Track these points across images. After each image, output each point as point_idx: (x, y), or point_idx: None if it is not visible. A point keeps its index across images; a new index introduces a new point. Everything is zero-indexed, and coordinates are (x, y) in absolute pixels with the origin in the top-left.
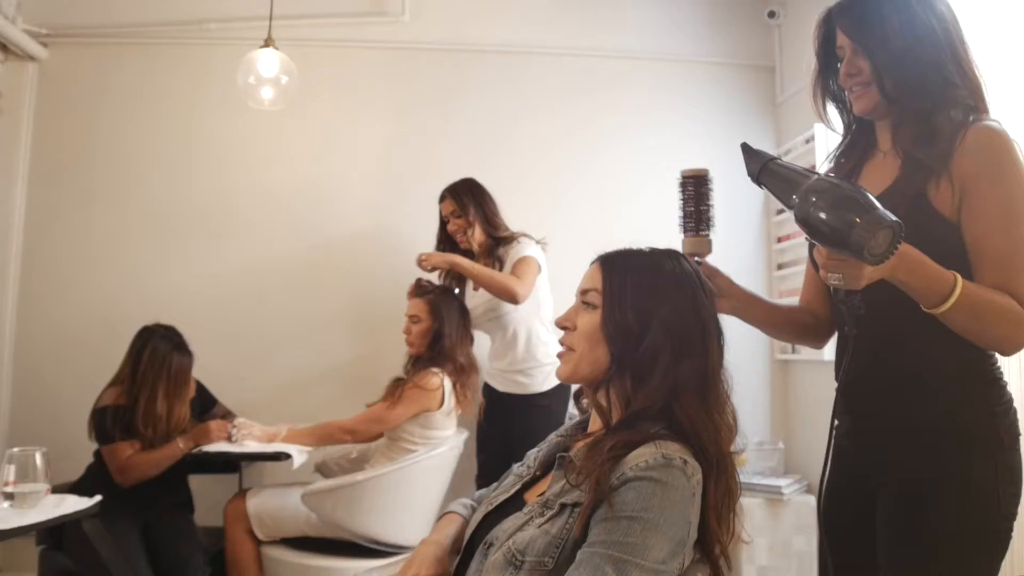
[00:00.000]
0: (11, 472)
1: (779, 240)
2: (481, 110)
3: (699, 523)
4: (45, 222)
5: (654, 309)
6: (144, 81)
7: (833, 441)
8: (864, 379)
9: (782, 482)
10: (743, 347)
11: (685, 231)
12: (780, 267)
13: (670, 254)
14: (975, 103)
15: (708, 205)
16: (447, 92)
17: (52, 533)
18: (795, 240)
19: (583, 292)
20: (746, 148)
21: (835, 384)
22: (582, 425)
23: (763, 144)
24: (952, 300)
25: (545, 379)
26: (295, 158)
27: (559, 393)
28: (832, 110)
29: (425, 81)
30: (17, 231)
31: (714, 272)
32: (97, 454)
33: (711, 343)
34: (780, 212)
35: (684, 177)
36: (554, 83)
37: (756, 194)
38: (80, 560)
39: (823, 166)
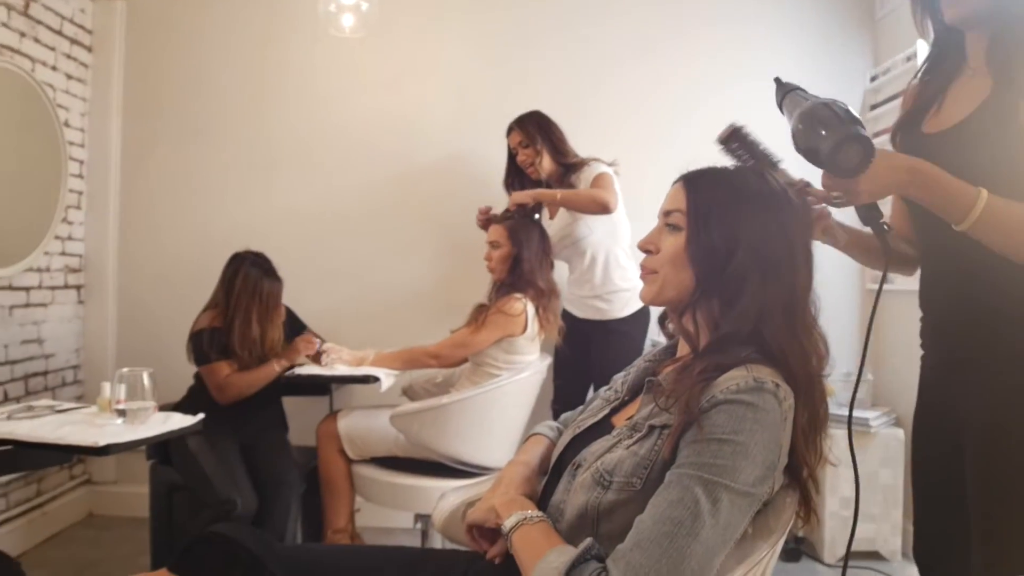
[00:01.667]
0: (122, 391)
1: None
2: (558, 35)
3: (789, 448)
4: (140, 156)
5: (740, 229)
6: (228, 14)
7: (920, 373)
8: (950, 312)
9: (870, 414)
10: (833, 276)
11: None
12: None
13: (757, 172)
14: None
15: (761, 148)
16: (526, 20)
17: (160, 448)
18: None
19: (666, 213)
20: (777, 81)
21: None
22: (670, 350)
23: (859, 63)
24: (975, 215)
25: (624, 305)
26: (377, 87)
27: (638, 319)
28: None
29: (505, 9)
30: (115, 166)
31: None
32: (197, 376)
33: (799, 264)
34: (875, 136)
35: (724, 142)
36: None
37: None
38: (186, 473)
39: (912, 82)
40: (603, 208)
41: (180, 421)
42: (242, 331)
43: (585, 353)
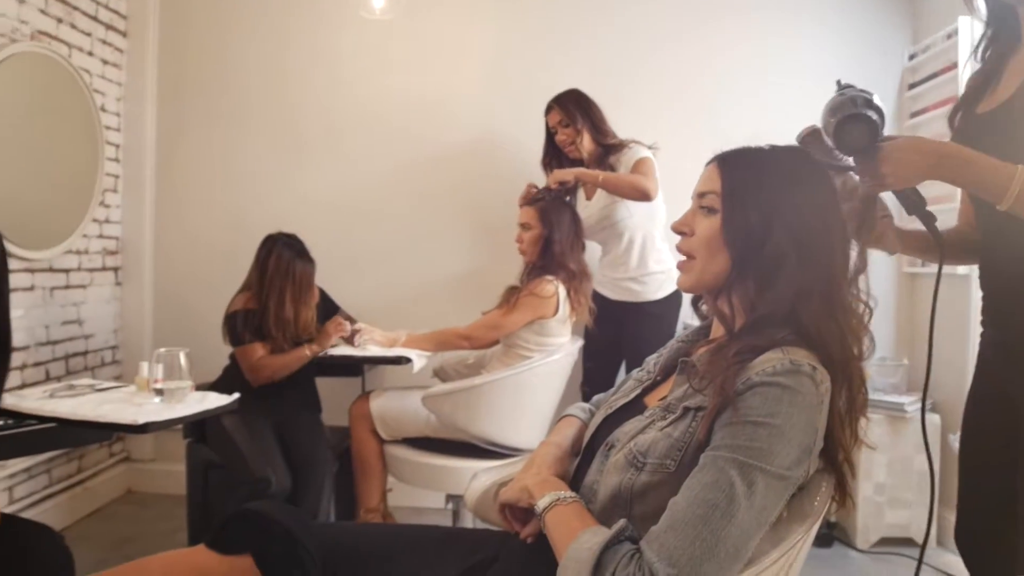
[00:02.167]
0: (159, 370)
1: None
2: (590, 15)
3: (825, 431)
4: (174, 140)
5: (777, 210)
6: None
7: (978, 349)
8: (1009, 291)
9: (905, 399)
10: (869, 259)
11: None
12: None
13: (793, 151)
14: None
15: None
16: None
17: (196, 427)
18: None
19: (700, 195)
20: (838, 83)
21: (969, 298)
22: (704, 331)
23: (897, 41)
24: (1013, 193)
25: (659, 287)
26: (407, 69)
27: (671, 301)
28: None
29: None
30: (150, 150)
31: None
32: (232, 357)
33: (836, 244)
34: (914, 116)
35: (803, 142)
36: None
37: (886, 100)
38: (221, 452)
39: (966, 63)
40: (643, 196)
41: (216, 400)
42: (276, 312)
43: (617, 335)
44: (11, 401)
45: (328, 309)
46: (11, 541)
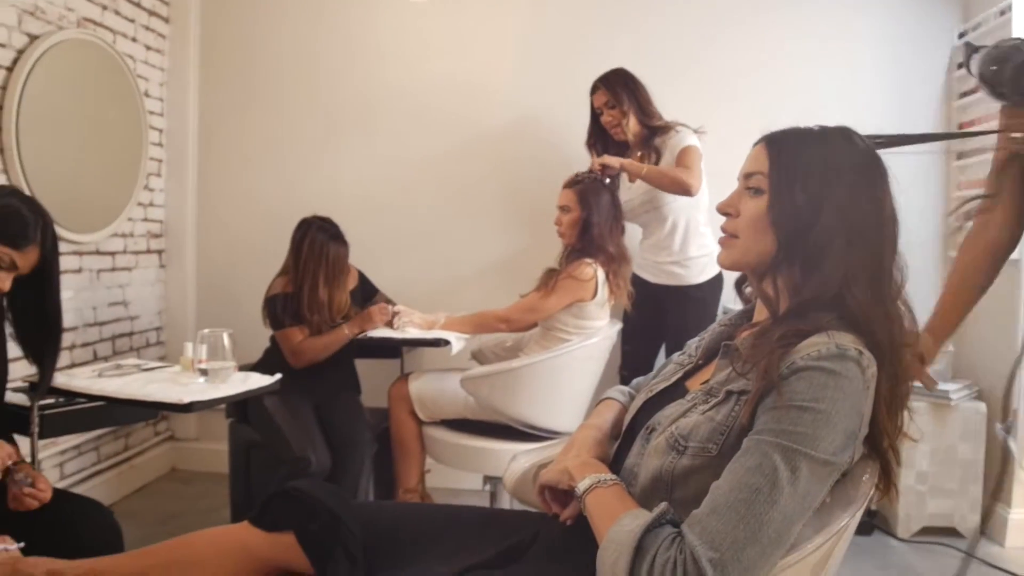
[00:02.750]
0: (203, 351)
1: (960, 127)
2: None
3: (870, 417)
4: (216, 124)
5: (826, 191)
6: None
7: None
8: None
9: (950, 387)
10: (912, 244)
11: None
12: (960, 156)
13: (843, 132)
14: None
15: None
16: None
17: (238, 407)
18: (976, 126)
19: (746, 176)
20: (967, 44)
21: (1018, 285)
22: (747, 314)
23: (947, 19)
24: None
25: (701, 271)
26: (446, 51)
27: (714, 285)
28: None
29: None
30: (192, 134)
31: None
32: (273, 339)
33: (887, 228)
34: (963, 96)
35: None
36: None
37: (934, 80)
38: (263, 432)
39: None
40: (685, 191)
41: (259, 381)
42: (310, 295)
43: (656, 319)
44: (62, 380)
45: (367, 292)
46: (64, 514)
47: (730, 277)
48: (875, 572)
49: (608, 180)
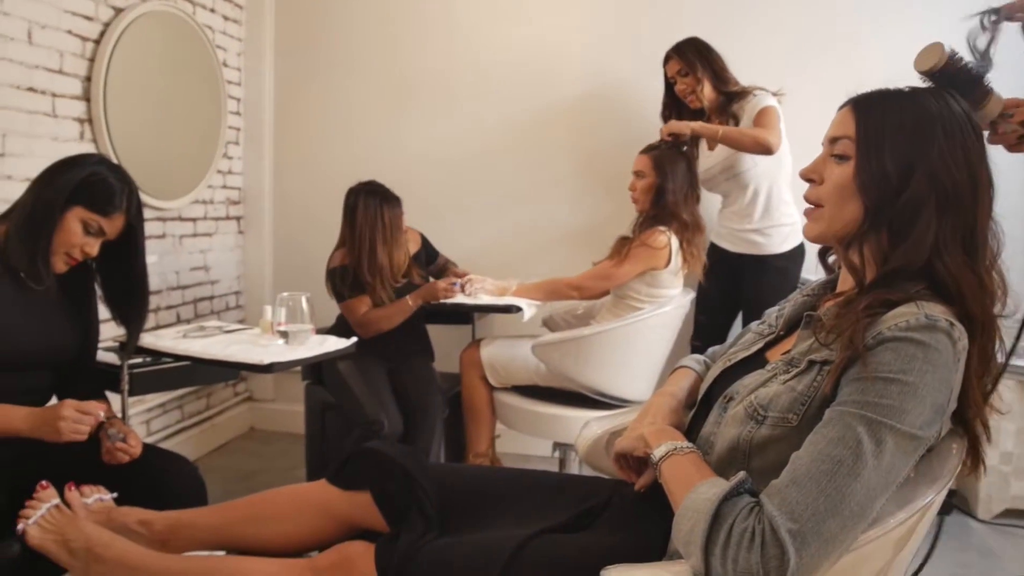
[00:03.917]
0: (282, 314)
1: None
2: None
3: (959, 392)
4: (292, 93)
5: (917, 155)
6: None
7: None
8: None
9: None
10: (1008, 210)
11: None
12: None
13: (935, 92)
14: None
15: (972, 72)
16: None
17: (314, 370)
18: None
19: (831, 141)
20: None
21: None
22: (830, 284)
23: None
24: None
25: (784, 240)
26: (522, 17)
27: (796, 255)
28: None
29: None
30: (268, 103)
31: None
32: None
33: (981, 193)
34: None
35: (929, 73)
36: None
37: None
38: (337, 394)
39: None
40: (765, 150)
41: (335, 344)
42: (370, 260)
43: (733, 290)
44: (149, 340)
45: (429, 255)
46: (154, 468)
47: (812, 248)
48: (953, 554)
49: (685, 148)
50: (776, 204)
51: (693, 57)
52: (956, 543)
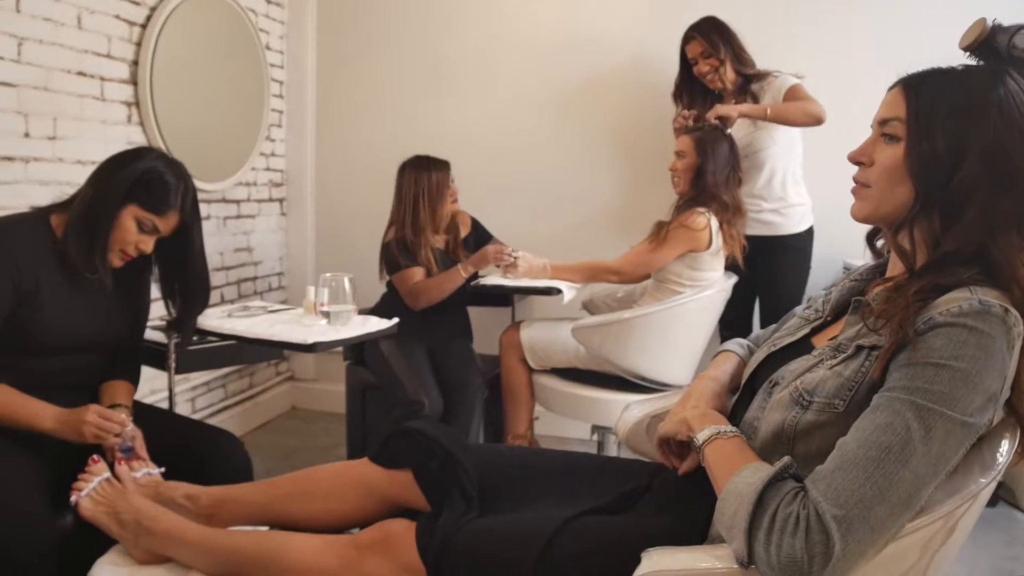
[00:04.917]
0: (325, 294)
1: None
2: None
3: (1013, 380)
4: (333, 76)
5: (970, 135)
6: None
7: None
8: None
9: None
10: None
11: None
12: None
13: (990, 71)
14: None
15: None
16: None
17: (355, 350)
18: None
19: (881, 122)
20: None
21: None
22: (879, 269)
23: None
24: None
25: (800, 219)
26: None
27: (810, 236)
28: None
29: None
30: (311, 86)
31: None
32: (390, 284)
33: None
34: None
35: (969, 49)
36: None
37: None
38: (378, 374)
39: None
40: (816, 120)
41: (377, 324)
42: (413, 219)
43: (748, 274)
44: None
45: (480, 238)
46: (201, 444)
47: (822, 231)
48: (999, 547)
49: (728, 130)
50: (791, 184)
51: (716, 38)
52: (1003, 536)
